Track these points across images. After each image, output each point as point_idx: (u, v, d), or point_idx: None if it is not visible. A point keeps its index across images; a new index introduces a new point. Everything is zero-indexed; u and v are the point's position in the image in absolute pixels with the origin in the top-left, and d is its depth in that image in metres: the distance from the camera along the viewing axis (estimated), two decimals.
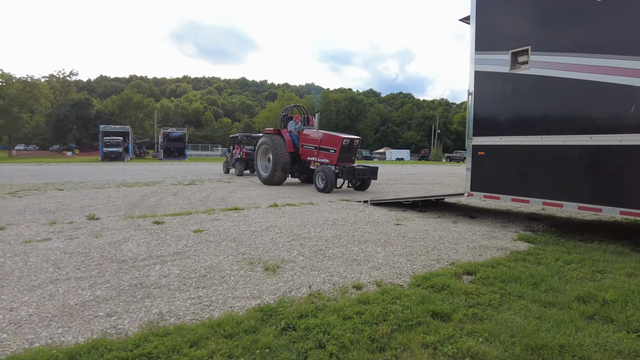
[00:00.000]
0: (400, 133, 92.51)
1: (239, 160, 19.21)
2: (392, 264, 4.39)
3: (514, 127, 6.57)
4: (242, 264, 4.29)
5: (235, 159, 19.50)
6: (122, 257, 4.45)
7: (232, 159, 20.19)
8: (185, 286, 3.56)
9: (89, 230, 5.82)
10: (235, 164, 19.46)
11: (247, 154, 19.10)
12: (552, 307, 3.18)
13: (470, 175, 7.15)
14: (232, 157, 20.23)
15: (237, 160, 19.37)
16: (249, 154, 18.92)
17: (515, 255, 4.83)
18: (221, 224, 6.49)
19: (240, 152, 19.32)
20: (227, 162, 20.98)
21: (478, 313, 3.02)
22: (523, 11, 6.53)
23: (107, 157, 38.25)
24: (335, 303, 3.17)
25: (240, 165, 19.04)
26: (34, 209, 7.67)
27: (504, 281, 3.75)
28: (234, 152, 20.05)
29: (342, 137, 12.33)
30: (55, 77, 73.96)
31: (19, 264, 4.10)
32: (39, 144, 72.71)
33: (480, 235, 6.06)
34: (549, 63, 6.00)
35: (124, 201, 9.02)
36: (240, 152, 19.35)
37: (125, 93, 75.08)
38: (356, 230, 6.17)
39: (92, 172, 20.39)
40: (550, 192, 6.08)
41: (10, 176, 16.61)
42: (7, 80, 60.81)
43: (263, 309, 3.04)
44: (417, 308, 3.05)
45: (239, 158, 19.23)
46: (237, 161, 19.34)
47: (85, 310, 2.99)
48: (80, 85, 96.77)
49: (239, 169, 18.98)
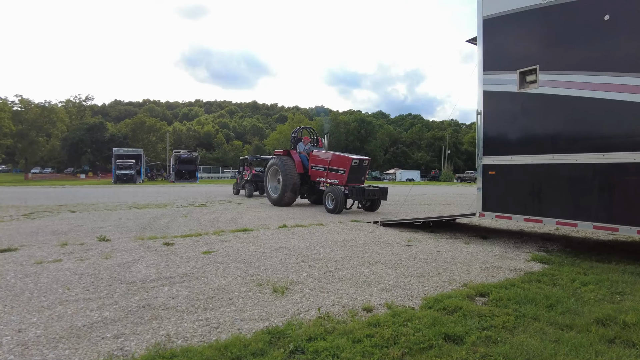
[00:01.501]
0: (410, 154, 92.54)
1: (248, 182, 19.29)
2: (403, 286, 4.31)
3: (524, 146, 6.52)
4: (250, 285, 4.25)
5: (245, 181, 19.61)
6: (131, 278, 4.44)
7: (241, 180, 20.30)
8: (194, 308, 3.53)
9: (100, 251, 5.84)
10: (244, 185, 19.56)
11: (255, 175, 19.19)
12: (569, 329, 3.07)
13: (481, 195, 7.07)
14: (241, 178, 20.33)
15: (246, 181, 19.46)
16: (258, 175, 18.96)
17: (529, 276, 4.71)
18: (230, 245, 6.47)
19: (250, 173, 19.37)
20: (237, 184, 21.05)
21: (492, 336, 2.93)
22: (530, 31, 6.57)
23: (119, 180, 38.80)
24: (345, 326, 3.10)
25: (249, 186, 19.10)
26: (46, 231, 7.75)
27: (518, 303, 3.64)
28: (244, 173, 20.14)
29: (351, 157, 12.35)
30: (71, 101, 76.23)
31: (30, 285, 4.12)
32: (54, 167, 74.23)
33: (493, 256, 5.94)
34: (558, 82, 5.99)
35: (135, 223, 9.08)
36: (250, 173, 19.41)
37: (139, 117, 76.83)
38: (366, 252, 6.10)
39: (104, 194, 20.65)
40: (563, 211, 5.97)
41: (25, 198, 16.89)
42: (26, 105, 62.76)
43: (271, 331, 2.99)
44: (428, 330, 2.97)
45: (249, 180, 19.31)
46: (246, 182, 19.43)
47: (92, 332, 2.97)
48: (95, 110, 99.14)
49: (249, 190, 19.03)
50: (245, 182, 19.59)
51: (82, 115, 76.39)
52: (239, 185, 20.73)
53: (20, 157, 66.25)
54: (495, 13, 6.91)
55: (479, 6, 7.13)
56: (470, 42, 8.22)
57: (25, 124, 60.85)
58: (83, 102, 78.27)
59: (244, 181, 19.69)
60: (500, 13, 6.85)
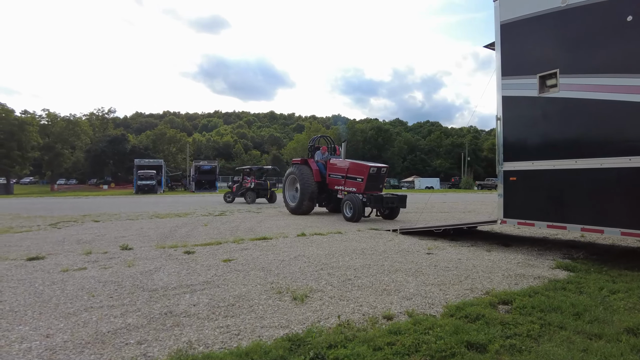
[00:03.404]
0: (428, 161, 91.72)
1: (251, 190, 21.36)
2: (423, 294, 4.26)
3: (545, 151, 6.39)
4: (270, 293, 4.27)
5: (247, 189, 21.62)
6: (153, 286, 4.51)
7: (239, 189, 22.27)
8: (214, 315, 3.56)
9: (122, 259, 5.96)
10: (247, 193, 21.46)
11: (258, 183, 21.68)
12: (598, 339, 2.97)
13: (502, 202, 6.95)
14: (239, 187, 22.32)
15: (248, 189, 21.51)
16: (260, 184, 21.83)
17: (554, 283, 4.59)
18: (250, 253, 6.51)
19: (252, 182, 21.59)
20: (232, 193, 22.66)
21: (516, 344, 2.86)
22: (549, 35, 6.47)
23: (140, 190, 39.56)
24: (365, 333, 3.08)
25: (252, 193, 21.26)
26: (71, 240, 7.96)
27: (543, 311, 3.55)
28: (245, 182, 22.09)
29: (369, 165, 12.32)
30: (94, 114, 78.47)
31: (57, 292, 4.23)
32: (78, 178, 76.27)
33: (516, 264, 5.82)
34: (580, 85, 5.88)
35: (156, 232, 9.24)
36: (252, 182, 21.62)
37: (159, 128, 78.53)
38: (386, 260, 6.05)
39: (126, 204, 21.09)
40: (589, 217, 5.81)
41: (51, 209, 17.40)
42: (52, 119, 64.98)
43: (291, 338, 2.99)
44: (450, 338, 2.92)
45: (251, 188, 21.43)
46: (248, 190, 21.44)
47: (116, 338, 3.02)
48: (117, 122, 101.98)
49: (251, 197, 21.15)
50: (247, 190, 21.52)
51: (105, 127, 78.50)
52: (235, 194, 22.43)
53: (46, 169, 68.43)
54: (513, 18, 6.85)
55: (496, 11, 7.09)
56: (487, 48, 8.16)
57: (51, 137, 63.02)
58: (106, 114, 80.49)
59: (246, 189, 21.63)
60: (517, 18, 6.78)
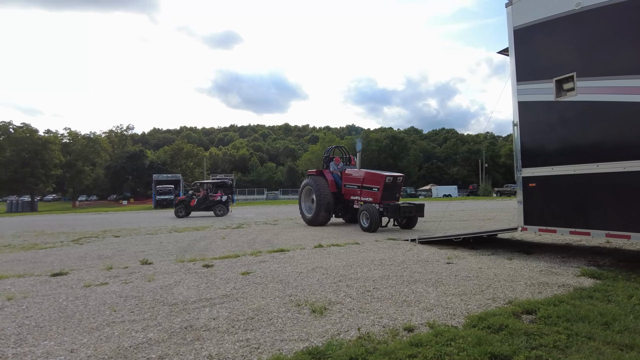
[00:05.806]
0: (445, 169, 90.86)
1: (202, 201, 21.83)
2: (444, 305, 4.19)
3: (565, 156, 6.27)
4: (289, 305, 4.26)
5: (201, 199, 21.88)
6: (173, 300, 4.55)
7: (189, 198, 22.22)
8: (234, 328, 3.57)
9: (143, 274, 6.04)
10: (217, 205, 22.05)
11: (210, 196, 22.13)
12: (629, 349, 2.87)
13: (522, 209, 6.82)
14: (189, 198, 22.22)
15: (201, 201, 21.83)
16: (211, 196, 22.24)
17: (579, 292, 4.46)
18: (268, 265, 6.52)
19: (206, 194, 22.02)
20: (187, 207, 21.84)
21: (542, 355, 2.78)
22: (564, 38, 6.39)
23: (159, 205, 40.13)
24: (386, 346, 3.04)
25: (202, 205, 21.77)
26: (93, 255, 8.11)
27: (569, 320, 3.45)
28: (199, 194, 22.33)
29: (384, 174, 12.26)
30: (113, 132, 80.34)
31: (80, 307, 4.30)
32: (98, 194, 77.94)
33: (539, 272, 5.68)
34: (598, 88, 5.77)
35: (175, 246, 9.34)
36: (205, 194, 22.01)
37: (177, 143, 79.90)
38: (405, 270, 5.98)
39: (145, 219, 21.40)
40: (613, 222, 5.65)
41: (73, 225, 17.78)
42: (73, 137, 66.83)
43: (311, 351, 2.97)
44: (474, 350, 2.86)
45: (203, 199, 21.84)
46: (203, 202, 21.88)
47: (138, 352, 3.05)
48: (136, 138, 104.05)
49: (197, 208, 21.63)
50: (203, 200, 21.85)
51: (124, 144, 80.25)
52: (187, 207, 21.84)
53: (68, 186, 70.13)
54: (526, 23, 6.79)
55: (508, 17, 7.04)
56: (501, 54, 8.10)
57: (72, 154, 64.71)
58: (124, 131, 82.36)
59: (202, 200, 21.87)
60: (530, 22, 6.73)
